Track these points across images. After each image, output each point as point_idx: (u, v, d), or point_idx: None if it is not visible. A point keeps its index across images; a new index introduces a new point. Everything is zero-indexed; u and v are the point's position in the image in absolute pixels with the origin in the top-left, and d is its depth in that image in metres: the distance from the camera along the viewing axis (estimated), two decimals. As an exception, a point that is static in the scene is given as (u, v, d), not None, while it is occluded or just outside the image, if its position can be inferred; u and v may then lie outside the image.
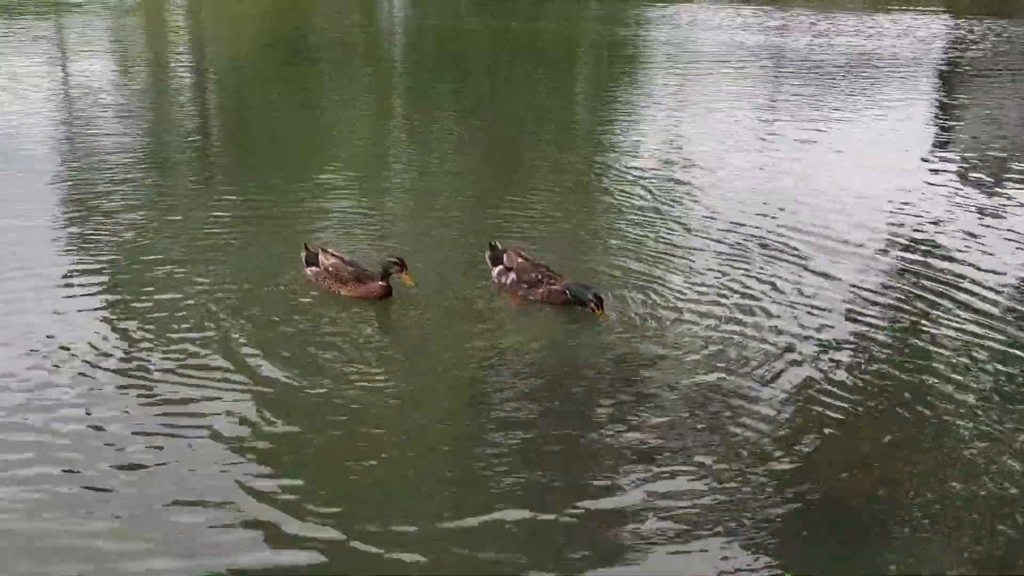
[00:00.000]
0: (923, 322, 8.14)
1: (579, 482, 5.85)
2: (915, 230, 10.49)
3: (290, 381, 6.85)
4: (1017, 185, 12.36)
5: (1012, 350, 7.64)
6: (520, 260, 8.43)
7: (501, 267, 8.51)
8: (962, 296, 8.66)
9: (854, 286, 8.86)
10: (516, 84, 19.74)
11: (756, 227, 10.39)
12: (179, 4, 31.02)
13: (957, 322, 8.13)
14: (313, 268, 8.30)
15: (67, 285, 8.39)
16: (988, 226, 10.70)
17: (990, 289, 8.83)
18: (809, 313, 8.22)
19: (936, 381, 7.14)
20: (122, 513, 5.44)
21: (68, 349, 7.21)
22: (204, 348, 7.28)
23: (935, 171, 13.06)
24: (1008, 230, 10.56)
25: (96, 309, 7.92)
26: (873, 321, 8.17)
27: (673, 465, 6.01)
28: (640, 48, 24.41)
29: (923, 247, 9.96)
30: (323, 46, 24.18)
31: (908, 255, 9.75)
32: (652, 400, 6.78)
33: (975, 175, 12.88)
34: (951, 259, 9.60)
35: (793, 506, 5.68)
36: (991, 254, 9.77)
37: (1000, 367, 7.37)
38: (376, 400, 6.66)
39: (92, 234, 9.69)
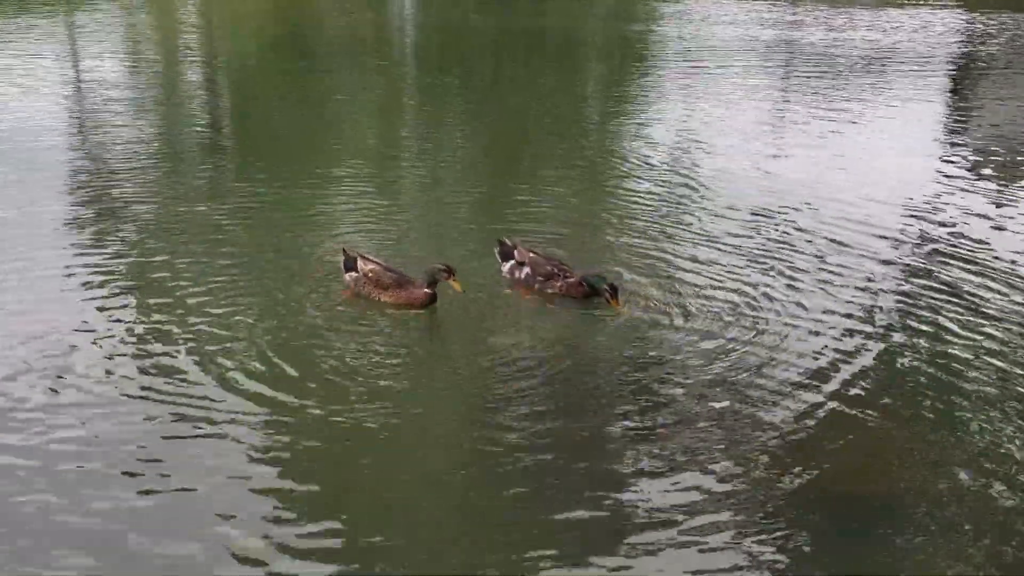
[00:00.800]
0: (941, 317, 7.98)
1: (593, 482, 5.73)
2: (932, 223, 10.33)
3: (306, 377, 6.75)
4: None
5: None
6: (532, 255, 8.34)
7: (512, 262, 8.41)
8: (980, 290, 8.49)
9: (870, 279, 8.72)
10: (526, 80, 19.60)
11: (771, 219, 10.27)
12: (189, 1, 30.95)
13: (975, 317, 7.96)
14: (352, 273, 7.99)
15: (74, 282, 8.27)
16: (1005, 218, 10.53)
17: (1009, 284, 8.64)
18: (826, 307, 8.07)
19: (953, 376, 7.00)
20: (122, 533, 5.20)
21: (72, 349, 7.06)
22: (214, 349, 7.16)
23: (951, 165, 12.87)
24: (1016, 222, 10.36)
25: (104, 308, 7.76)
26: (890, 314, 8.02)
27: (686, 465, 5.88)
28: (652, 43, 24.21)
29: (940, 240, 9.79)
30: (332, 42, 24.09)
31: (925, 248, 9.58)
32: (667, 397, 6.65)
33: (991, 169, 12.68)
34: (968, 252, 9.43)
35: (806, 505, 5.55)
36: (1009, 247, 9.59)
37: (1018, 363, 7.20)
38: (391, 407, 6.50)
39: (102, 230, 9.60)
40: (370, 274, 7.86)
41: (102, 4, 28.37)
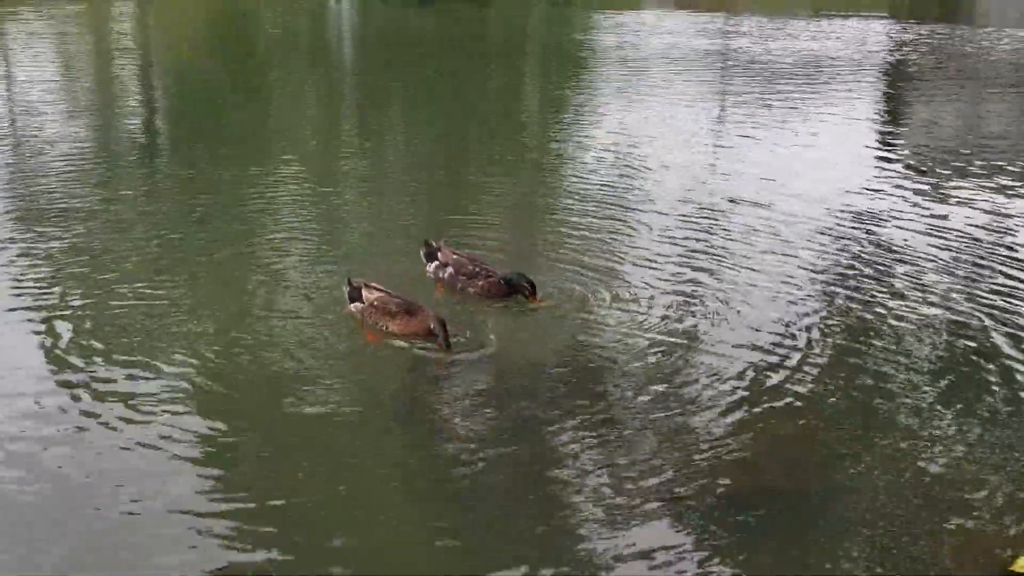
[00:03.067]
0: (877, 312, 8.15)
1: (524, 485, 5.76)
2: (866, 222, 10.55)
3: (246, 379, 6.70)
4: (958, 181, 12.44)
5: (961, 341, 7.66)
6: (455, 256, 8.43)
7: (437, 263, 8.48)
8: (912, 288, 8.68)
9: (805, 276, 8.90)
10: (467, 84, 19.64)
11: (704, 219, 10.46)
12: (125, 7, 30.54)
13: (909, 314, 8.13)
14: (357, 304, 7.69)
15: (12, 294, 8.07)
16: (937, 217, 10.77)
17: (940, 282, 8.85)
18: (761, 304, 8.22)
19: (888, 372, 7.13)
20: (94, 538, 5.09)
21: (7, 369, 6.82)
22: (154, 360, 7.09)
23: (883, 166, 13.19)
24: (947, 223, 10.60)
25: (42, 323, 7.48)
26: (824, 311, 8.18)
27: (622, 468, 5.89)
28: (590, 51, 24.42)
29: (873, 238, 10.02)
30: (270, 45, 23.94)
31: (858, 245, 9.79)
32: (603, 395, 6.70)
33: (922, 169, 13.02)
34: (899, 250, 9.66)
35: (739, 500, 5.60)
36: (938, 246, 9.82)
37: (950, 358, 7.39)
38: (325, 414, 6.47)
39: (39, 242, 9.39)
40: (375, 303, 7.57)
41: (34, 11, 27.87)
